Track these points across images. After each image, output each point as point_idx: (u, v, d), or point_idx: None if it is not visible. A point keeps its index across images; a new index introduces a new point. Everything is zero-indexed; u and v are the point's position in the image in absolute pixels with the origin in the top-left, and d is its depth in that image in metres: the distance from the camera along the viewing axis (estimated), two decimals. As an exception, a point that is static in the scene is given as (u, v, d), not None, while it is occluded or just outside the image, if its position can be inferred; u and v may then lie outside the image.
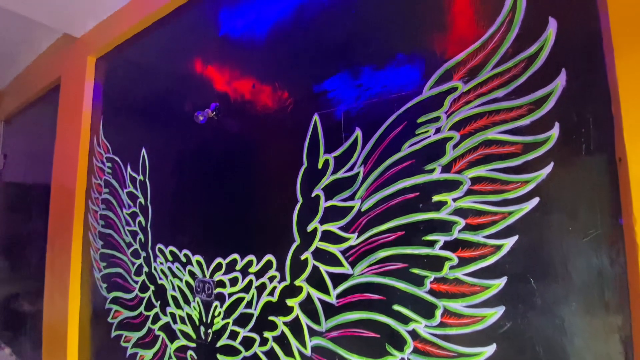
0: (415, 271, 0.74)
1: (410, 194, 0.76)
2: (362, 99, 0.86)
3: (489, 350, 0.65)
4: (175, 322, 1.20)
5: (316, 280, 0.89)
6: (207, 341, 1.10)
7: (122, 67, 1.62)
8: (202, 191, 1.19)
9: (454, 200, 0.71)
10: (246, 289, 1.02)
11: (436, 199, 0.73)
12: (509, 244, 0.65)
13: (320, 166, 0.91)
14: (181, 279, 1.20)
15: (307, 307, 0.90)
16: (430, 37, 0.78)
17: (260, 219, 1.04)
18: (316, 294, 0.88)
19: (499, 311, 0.65)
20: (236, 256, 1.06)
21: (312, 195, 0.92)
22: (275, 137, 1.03)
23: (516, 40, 0.68)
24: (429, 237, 0.73)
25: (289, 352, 0.92)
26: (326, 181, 0.90)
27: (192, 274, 1.17)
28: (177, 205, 1.27)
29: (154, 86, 1.43)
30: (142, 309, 1.33)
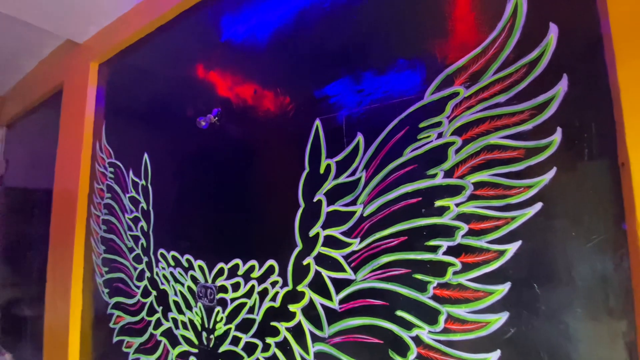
0: (418, 277, 0.74)
1: (412, 199, 0.76)
2: (363, 104, 0.87)
3: (494, 356, 0.65)
4: (177, 327, 1.20)
5: (319, 285, 0.88)
6: (209, 347, 1.10)
7: (124, 72, 1.63)
8: (204, 196, 1.20)
9: (457, 205, 0.70)
10: (248, 294, 1.02)
11: (439, 204, 0.73)
12: (512, 249, 0.65)
13: (322, 171, 0.91)
14: (183, 284, 1.20)
15: (310, 312, 0.89)
16: (431, 42, 0.78)
17: (262, 224, 1.04)
18: (319, 300, 0.88)
19: (503, 317, 0.65)
20: (238, 261, 1.06)
21: (314, 200, 0.92)
22: (277, 142, 1.04)
23: (517, 45, 0.68)
24: (432, 243, 0.72)
25: (291, 358, 0.92)
26: (328, 186, 0.90)
27: (194, 279, 1.17)
28: (179, 210, 1.27)
29: (156, 91, 1.44)
30: (144, 314, 1.32)
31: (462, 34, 0.75)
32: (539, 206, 0.63)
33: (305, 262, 0.91)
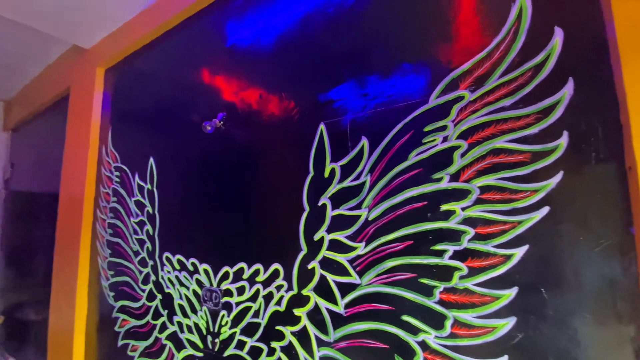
0: (424, 281, 0.73)
1: (418, 203, 0.76)
2: (368, 108, 0.87)
3: (501, 361, 0.65)
4: (182, 331, 1.20)
5: (324, 289, 0.88)
6: (215, 351, 1.10)
7: (130, 77, 1.64)
8: (210, 200, 1.20)
9: (463, 209, 0.70)
10: (253, 298, 1.02)
11: (445, 208, 0.72)
12: (519, 253, 0.64)
13: (326, 175, 0.92)
14: (188, 288, 1.20)
15: (315, 317, 0.89)
16: (435, 46, 0.79)
17: (267, 227, 1.04)
18: (324, 304, 0.88)
19: (510, 322, 0.64)
20: (243, 265, 1.06)
21: (319, 204, 0.92)
22: (281, 146, 1.04)
23: (522, 49, 0.68)
24: (438, 247, 0.72)
25: (296, 362, 0.92)
26: (333, 190, 0.90)
27: (199, 283, 1.17)
28: (184, 213, 1.28)
29: (162, 96, 1.45)
30: (149, 317, 1.33)
31: (466, 38, 0.75)
32: (545, 210, 0.63)
33: (310, 266, 0.91)
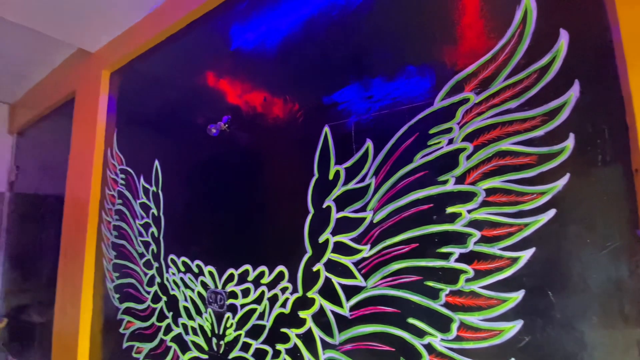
0: (430, 284, 0.73)
1: (423, 206, 0.76)
2: (372, 111, 0.87)
3: (508, 365, 0.64)
4: (187, 333, 1.20)
5: (329, 292, 0.88)
6: (219, 353, 1.10)
7: (135, 80, 1.65)
8: (215, 202, 1.21)
9: (469, 211, 0.70)
10: (258, 300, 1.02)
11: (450, 210, 0.72)
12: (525, 256, 0.64)
13: (331, 177, 0.92)
14: (193, 290, 1.20)
15: (320, 319, 0.89)
16: (440, 48, 0.79)
17: (271, 230, 1.04)
18: (329, 306, 0.88)
19: (517, 325, 0.64)
20: (248, 267, 1.06)
21: (324, 206, 0.92)
22: (286, 149, 1.04)
23: (528, 51, 0.68)
24: (444, 249, 0.72)
25: (301, 365, 0.92)
26: (337, 192, 0.90)
27: (204, 285, 1.17)
28: (189, 216, 1.28)
29: (167, 99, 1.46)
30: (154, 319, 1.33)
31: (471, 41, 0.75)
32: (552, 213, 0.63)
33: (315, 269, 0.92)
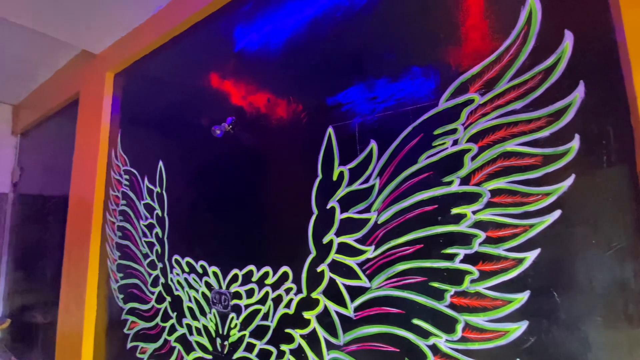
0: (435, 285, 0.73)
1: (428, 207, 0.76)
2: (376, 112, 0.87)
3: (513, 365, 0.64)
4: (191, 333, 1.21)
5: (333, 292, 0.89)
6: (224, 353, 1.10)
7: (139, 82, 1.66)
8: (219, 203, 1.21)
9: (474, 212, 0.70)
10: (262, 301, 1.03)
11: (455, 211, 0.72)
12: (531, 257, 0.64)
13: (335, 178, 0.92)
14: (197, 290, 1.21)
15: (325, 320, 0.89)
16: (445, 49, 0.79)
17: (276, 230, 1.04)
18: (333, 307, 0.88)
19: (522, 326, 0.64)
20: (252, 267, 1.06)
21: (328, 207, 0.92)
22: (290, 150, 1.05)
23: (532, 52, 0.68)
24: (449, 250, 0.72)
25: (306, 365, 0.92)
26: (341, 193, 0.90)
27: (208, 285, 1.18)
28: (193, 216, 1.29)
29: (171, 101, 1.47)
30: (158, 320, 1.34)
31: (476, 41, 0.75)
32: (557, 214, 0.63)
33: (319, 269, 0.92)
